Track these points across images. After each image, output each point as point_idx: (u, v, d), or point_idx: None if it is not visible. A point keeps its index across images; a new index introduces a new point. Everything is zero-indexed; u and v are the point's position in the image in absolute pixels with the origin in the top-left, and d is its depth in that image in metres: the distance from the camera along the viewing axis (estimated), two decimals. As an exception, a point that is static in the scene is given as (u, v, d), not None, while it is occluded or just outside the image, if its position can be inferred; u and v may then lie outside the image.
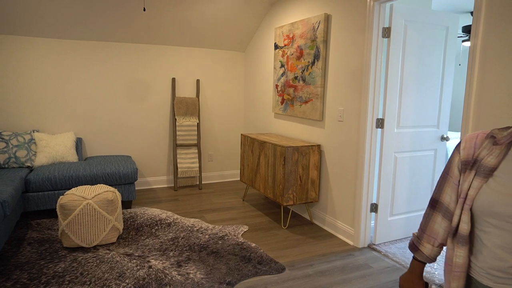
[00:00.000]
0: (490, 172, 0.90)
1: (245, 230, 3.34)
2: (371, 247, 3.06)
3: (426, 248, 1.08)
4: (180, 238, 3.09)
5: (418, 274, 1.11)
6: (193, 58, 4.72)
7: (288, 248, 3.01)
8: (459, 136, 2.25)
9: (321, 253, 2.93)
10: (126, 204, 3.86)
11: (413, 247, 1.12)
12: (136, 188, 4.61)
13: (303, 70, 3.65)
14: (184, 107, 4.59)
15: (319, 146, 3.44)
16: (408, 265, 2.72)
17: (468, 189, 0.93)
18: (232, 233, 3.24)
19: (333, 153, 3.33)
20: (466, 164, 0.97)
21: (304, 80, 3.64)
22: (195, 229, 3.30)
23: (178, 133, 4.58)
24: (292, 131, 3.95)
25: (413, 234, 1.14)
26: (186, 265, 2.65)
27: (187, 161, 4.60)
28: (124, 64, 4.36)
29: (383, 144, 2.98)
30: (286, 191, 3.32)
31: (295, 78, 3.78)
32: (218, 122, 5.01)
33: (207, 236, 3.15)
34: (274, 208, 3.96)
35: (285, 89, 3.99)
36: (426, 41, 3.03)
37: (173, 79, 4.61)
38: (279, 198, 3.37)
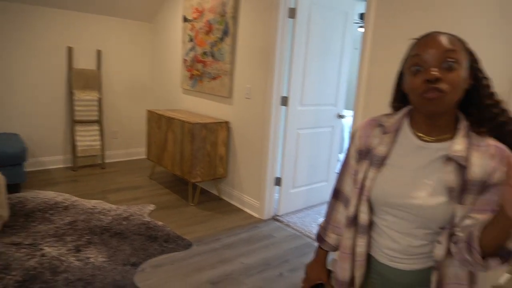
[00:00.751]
0: (382, 161, 0.91)
1: (152, 209, 3.25)
2: (275, 218, 3.25)
3: (331, 238, 1.08)
4: (79, 221, 2.88)
5: (323, 262, 1.13)
6: (94, 26, 4.29)
7: (196, 224, 3.03)
8: (352, 114, 2.48)
9: (228, 227, 3.01)
10: (14, 188, 3.42)
11: (320, 238, 1.12)
12: (26, 170, 4.11)
13: (212, 46, 3.59)
14: (83, 79, 4.19)
15: (227, 122, 3.47)
16: (307, 233, 2.96)
17: (363, 180, 0.93)
18: (138, 212, 3.13)
19: (241, 129, 3.39)
20: (361, 153, 0.97)
21: (213, 56, 3.59)
22: (96, 211, 3.10)
23: (76, 108, 4.17)
24: (201, 107, 3.90)
25: (319, 225, 1.14)
26: (86, 249, 2.49)
27: (88, 139, 4.25)
28: (7, 26, 3.76)
29: (287, 121, 3.13)
30: (194, 168, 3.30)
31: (204, 53, 3.71)
32: (122, 97, 4.69)
33: (110, 218, 2.99)
34: (182, 186, 3.92)
35: (193, 64, 3.89)
36: (328, 24, 3.22)
37: (69, 48, 4.14)
38: (187, 175, 3.34)
